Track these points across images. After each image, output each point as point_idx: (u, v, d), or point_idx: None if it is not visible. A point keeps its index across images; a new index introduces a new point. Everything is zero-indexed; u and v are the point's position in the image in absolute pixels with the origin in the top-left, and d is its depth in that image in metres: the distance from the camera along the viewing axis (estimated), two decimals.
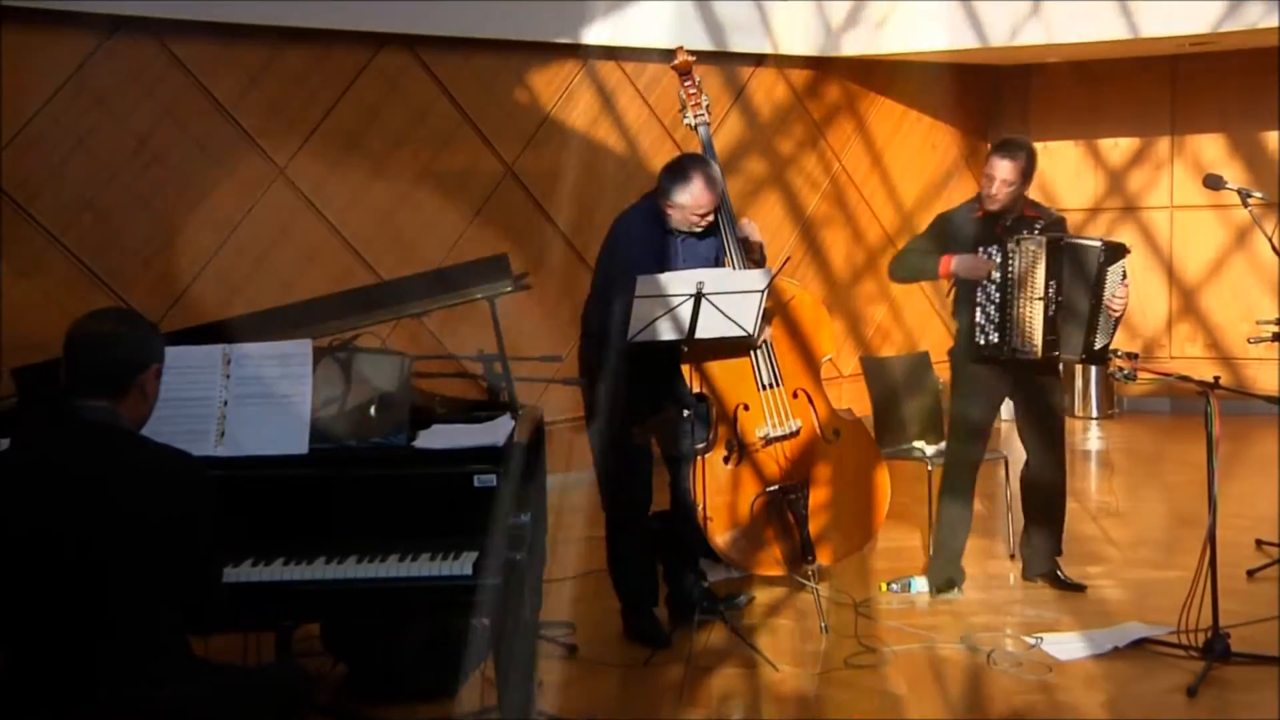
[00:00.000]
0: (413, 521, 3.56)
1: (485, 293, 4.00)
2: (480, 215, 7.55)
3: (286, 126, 6.82)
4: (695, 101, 5.16)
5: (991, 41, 8.81)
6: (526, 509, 3.55)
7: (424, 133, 7.31)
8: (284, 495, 3.55)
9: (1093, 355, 5.29)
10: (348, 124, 7.02)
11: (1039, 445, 5.41)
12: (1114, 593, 5.52)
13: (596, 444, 4.97)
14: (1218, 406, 4.39)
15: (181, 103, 6.49)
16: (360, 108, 7.06)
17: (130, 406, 2.96)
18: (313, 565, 3.45)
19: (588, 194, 7.87)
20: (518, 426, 3.78)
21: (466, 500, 3.53)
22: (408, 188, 7.26)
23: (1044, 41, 8.74)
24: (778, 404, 5.05)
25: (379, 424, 3.69)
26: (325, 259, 6.96)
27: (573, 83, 7.88)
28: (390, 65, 7.15)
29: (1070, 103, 10.15)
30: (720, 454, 5.00)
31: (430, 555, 3.48)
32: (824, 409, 5.17)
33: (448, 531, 3.53)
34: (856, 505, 5.21)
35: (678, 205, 4.80)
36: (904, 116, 9.81)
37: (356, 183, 7.08)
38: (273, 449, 3.55)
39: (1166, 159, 9.89)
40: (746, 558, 5.08)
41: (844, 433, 5.19)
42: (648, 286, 4.55)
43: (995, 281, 5.19)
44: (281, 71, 6.79)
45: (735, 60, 8.62)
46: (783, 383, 5.06)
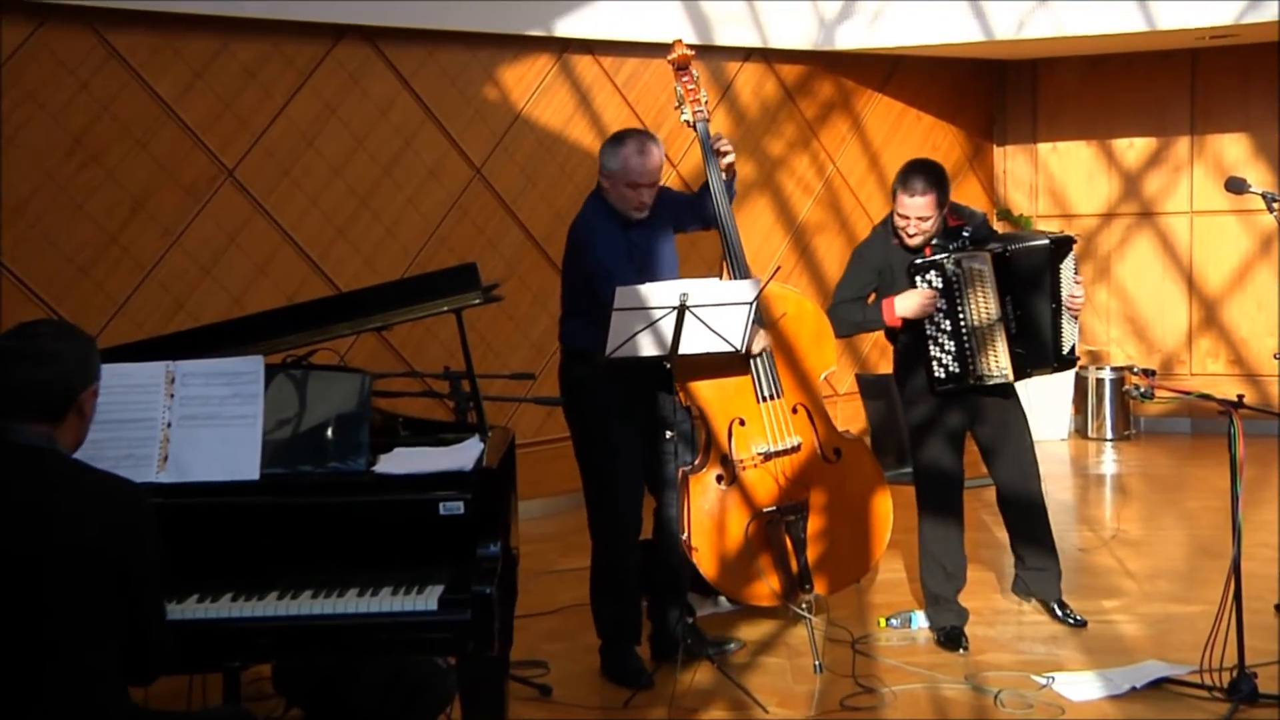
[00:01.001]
0: (373, 553, 3.55)
1: (452, 305, 4.00)
2: (446, 221, 7.55)
3: (236, 124, 6.82)
4: (694, 97, 5.18)
5: (997, 34, 8.86)
6: (496, 539, 3.54)
7: (385, 131, 7.32)
8: (233, 525, 3.53)
9: (1063, 361, 5.32)
10: (302, 122, 7.02)
11: (1012, 463, 5.40)
12: (1131, 628, 5.54)
13: (584, 467, 4.97)
14: (1242, 427, 4.41)
15: (120, 98, 6.48)
16: (316, 104, 7.06)
17: (66, 431, 2.95)
18: (264, 601, 3.43)
19: (563, 198, 7.88)
20: (487, 450, 3.77)
21: (431, 530, 3.53)
22: (368, 191, 7.26)
23: (1053, 34, 8.80)
24: (778, 417, 5.07)
25: (336, 448, 3.68)
26: (278, 268, 6.95)
27: (546, 78, 7.90)
28: (349, 59, 7.16)
29: (1082, 100, 10.22)
30: (713, 473, 5.01)
31: (392, 589, 3.46)
32: (824, 426, 5.19)
33: (411, 564, 3.52)
34: (856, 532, 5.22)
35: (611, 175, 4.83)
36: (903, 115, 9.86)
37: (312, 186, 7.08)
38: (220, 475, 3.53)
39: (1185, 160, 9.95)
40: (739, 588, 5.09)
41: (845, 453, 5.21)
42: (626, 298, 4.56)
43: (941, 310, 5.16)
44: (230, 65, 6.79)
45: (721, 54, 8.66)
46: (782, 395, 5.08)
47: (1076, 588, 5.91)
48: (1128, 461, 9.14)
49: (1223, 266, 9.89)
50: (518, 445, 4.08)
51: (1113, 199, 10.19)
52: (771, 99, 9.05)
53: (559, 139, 7.93)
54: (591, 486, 5.01)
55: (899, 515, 5.27)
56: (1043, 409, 9.09)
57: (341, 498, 3.59)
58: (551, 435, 7.58)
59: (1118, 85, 10.07)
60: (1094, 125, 10.21)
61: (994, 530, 6.81)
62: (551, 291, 7.78)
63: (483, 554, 3.50)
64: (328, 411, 3.74)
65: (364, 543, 3.56)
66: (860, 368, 9.45)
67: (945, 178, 5.22)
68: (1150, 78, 9.96)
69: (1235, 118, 9.79)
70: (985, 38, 8.90)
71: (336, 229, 7.15)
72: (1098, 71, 10.12)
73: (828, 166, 9.42)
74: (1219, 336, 9.94)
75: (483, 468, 3.63)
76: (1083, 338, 10.28)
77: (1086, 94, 10.19)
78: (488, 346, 7.63)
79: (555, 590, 6.03)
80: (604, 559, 5.04)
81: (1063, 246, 5.26)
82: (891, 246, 5.29)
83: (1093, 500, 8.21)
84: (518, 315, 7.75)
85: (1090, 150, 10.25)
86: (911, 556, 6.16)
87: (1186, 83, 9.92)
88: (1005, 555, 6.08)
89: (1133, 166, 10.14)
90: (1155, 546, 6.82)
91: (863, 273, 5.35)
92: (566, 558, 6.44)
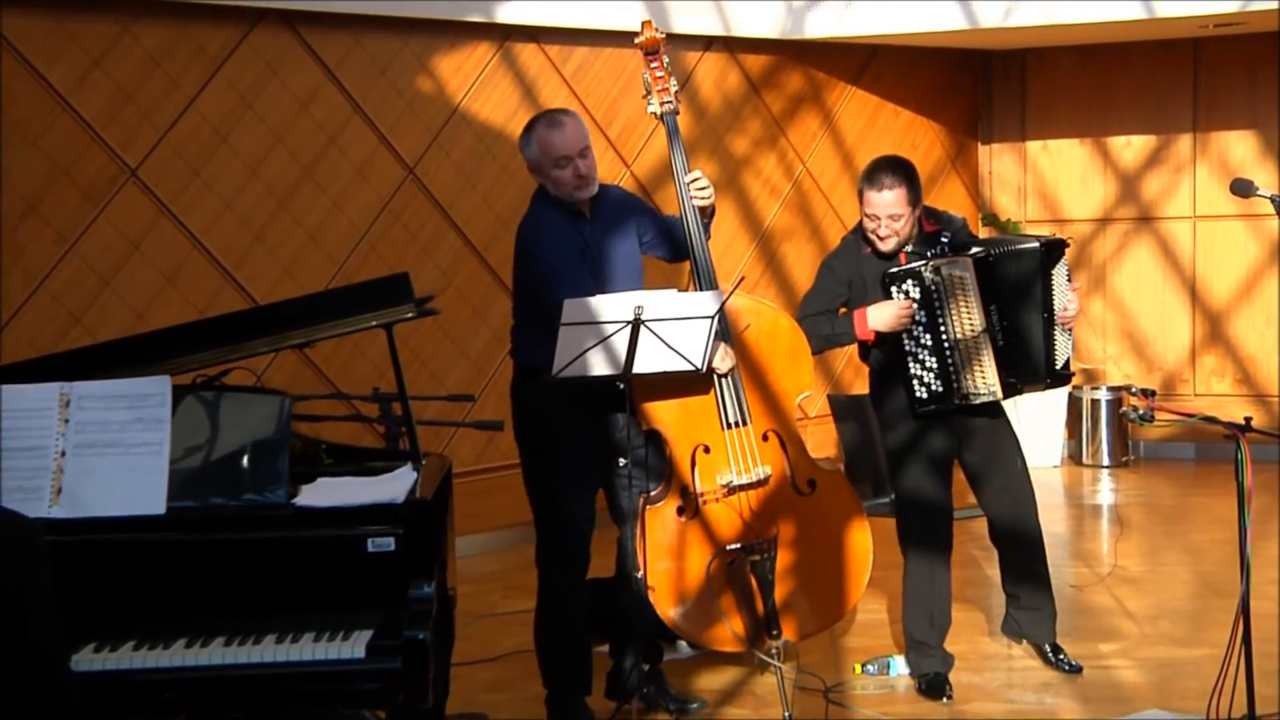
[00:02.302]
0: (293, 595, 3.53)
1: (382, 319, 3.99)
2: (376, 226, 7.53)
3: (139, 118, 6.79)
4: (663, 86, 5.18)
5: (982, 22, 8.94)
6: (431, 578, 3.53)
7: (307, 127, 7.30)
8: (135, 566, 3.51)
9: (1056, 377, 5.35)
10: (214, 116, 7.00)
11: (1003, 491, 5.43)
12: (1131, 674, 5.58)
13: (533, 496, 4.96)
14: (1250, 452, 4.45)
15: (10, 89, 6.43)
16: (230, 96, 7.04)
17: None
18: (170, 650, 3.41)
19: (505, 200, 7.88)
20: (421, 479, 3.77)
21: (358, 569, 3.52)
22: (287, 193, 7.24)
23: (1044, 22, 8.88)
24: (745, 446, 5.07)
25: (252, 478, 3.66)
26: (187, 279, 6.92)
27: (486, 69, 7.91)
28: (266, 46, 7.14)
29: (1074, 94, 10.31)
30: (672, 506, 5.01)
31: (315, 635, 3.45)
32: (798, 455, 5.19)
33: (336, 607, 3.51)
34: (830, 573, 5.23)
35: (537, 163, 4.87)
36: (879, 110, 9.93)
37: (225, 187, 7.05)
38: (122, 509, 3.51)
39: (1188, 160, 10.06)
40: (699, 632, 5.09)
41: (820, 484, 5.22)
42: (575, 311, 4.56)
43: (921, 323, 5.20)
44: (131, 52, 6.75)
45: (679, 43, 8.69)
46: (751, 421, 5.09)
47: (1071, 629, 5.94)
48: (1126, 490, 9.20)
49: (1229, 276, 9.98)
50: (455, 474, 4.08)
51: (1108, 202, 10.29)
52: (735, 92, 9.09)
53: (501, 135, 7.93)
54: (541, 516, 5.00)
55: (877, 550, 5.28)
56: (1034, 433, 9.15)
57: (258, 533, 3.57)
58: (492, 463, 7.57)
59: (1114, 78, 10.18)
60: (1088, 122, 10.30)
61: (983, 566, 6.84)
62: (492, 304, 7.78)
63: (415, 595, 3.49)
64: (243, 438, 3.72)
65: (283, 584, 3.54)
66: (833, 388, 9.49)
67: (915, 173, 5.25)
68: (1149, 70, 10.07)
69: (1241, 113, 9.90)
70: (969, 25, 8.98)
71: (253, 235, 7.12)
72: (1092, 63, 10.22)
73: (797, 167, 9.46)
74: (1225, 353, 10.04)
75: (416, 499, 3.62)
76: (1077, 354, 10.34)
77: (1080, 88, 10.29)
78: (422, 365, 7.61)
79: (496, 635, 6.01)
80: (551, 597, 5.03)
81: (1054, 250, 5.30)
82: (863, 257, 5.31)
83: (1088, 533, 8.26)
84: (455, 330, 7.74)
85: (1084, 149, 10.35)
86: (891, 596, 6.17)
87: (1189, 75, 10.03)
88: (994, 593, 6.10)
89: (1130, 167, 10.24)
90: (1157, 584, 6.87)
91: (830, 286, 5.37)
92: (509, 599, 6.42)
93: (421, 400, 4.99)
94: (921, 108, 10.15)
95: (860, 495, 5.82)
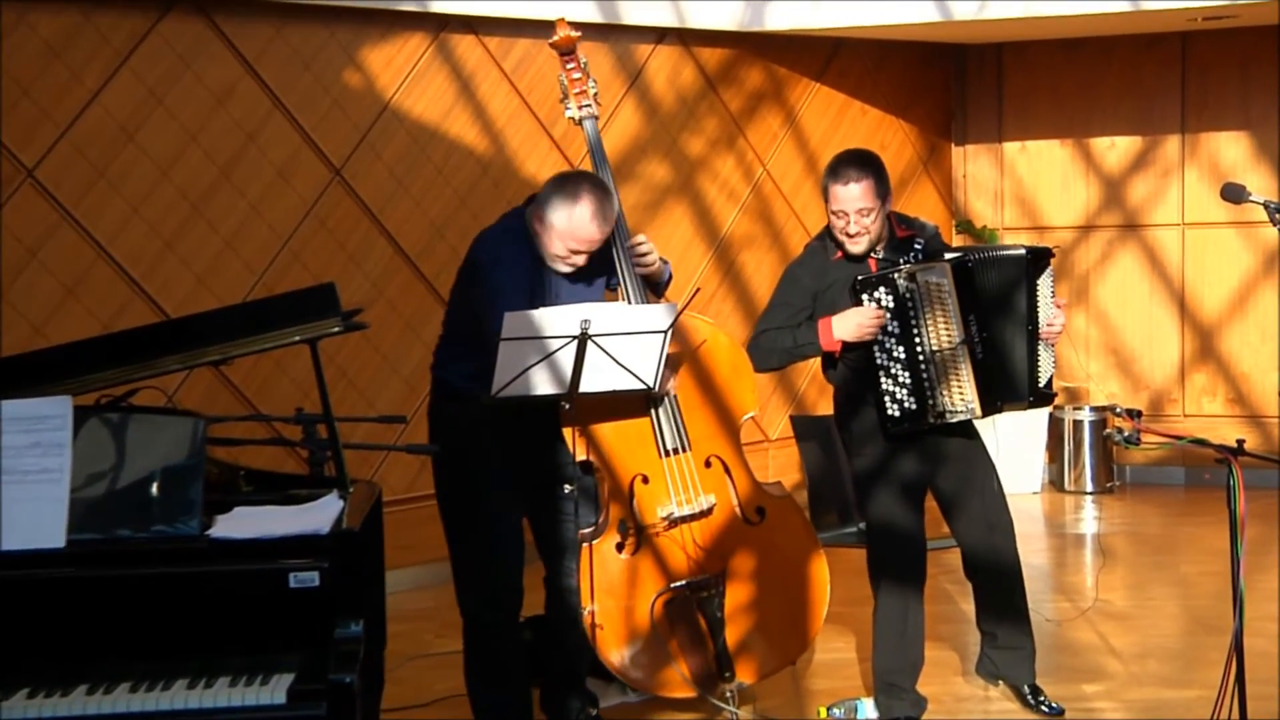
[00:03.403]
0: (207, 636, 3.51)
1: (306, 334, 3.97)
2: (299, 232, 7.50)
3: (36, 114, 6.73)
4: (580, 89, 5.19)
5: (955, 13, 9.00)
6: (359, 616, 3.51)
7: (224, 124, 7.27)
8: (32, 604, 3.47)
9: (1039, 396, 5.39)
10: (120, 112, 6.95)
11: (978, 519, 5.45)
12: (1116, 717, 5.61)
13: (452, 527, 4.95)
14: (1243, 478, 4.48)
15: None
16: (138, 91, 6.99)
17: None
18: (70, 698, 3.38)
19: (440, 205, 7.87)
20: (348, 509, 3.75)
21: (279, 606, 3.50)
22: (202, 196, 7.20)
23: (1021, 14, 8.94)
24: (685, 474, 5.07)
25: (162, 508, 3.64)
26: (91, 290, 6.86)
27: (420, 62, 7.90)
28: (178, 36, 7.10)
29: (1055, 92, 10.38)
30: (612, 540, 5.01)
31: (230, 680, 3.43)
32: (744, 481, 5.20)
33: (254, 648, 3.49)
34: (786, 605, 5.24)
35: (550, 226, 4.80)
36: (845, 109, 9.97)
37: (133, 189, 7.00)
38: (17, 543, 3.47)
39: (1176, 163, 10.15)
40: (647, 676, 5.09)
41: (770, 512, 5.23)
42: (517, 325, 4.56)
43: (894, 334, 5.23)
44: (28, 42, 6.70)
45: (629, 35, 8.71)
46: (691, 447, 5.09)
47: (1052, 669, 5.97)
48: (1111, 518, 9.26)
49: (1220, 288, 10.06)
50: (385, 503, 4.06)
51: (1091, 208, 10.36)
52: (690, 89, 9.11)
53: (436, 134, 7.92)
54: (461, 551, 4.98)
55: (843, 584, 5.30)
56: (1012, 457, 9.20)
57: (168, 568, 3.55)
58: (426, 491, 7.49)
59: (1097, 75, 10.25)
60: (1069, 122, 10.38)
61: (957, 601, 6.86)
62: (427, 317, 7.75)
63: (342, 635, 3.47)
64: (152, 464, 3.69)
65: (196, 623, 3.52)
66: (796, 408, 9.52)
67: (881, 165, 5.29)
68: (1135, 66, 10.16)
69: (1233, 113, 10.00)
70: (942, 17, 9.03)
71: (164, 242, 7.08)
72: (1074, 59, 10.29)
73: (757, 169, 9.49)
74: (1216, 371, 10.12)
75: (342, 530, 3.60)
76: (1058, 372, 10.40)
77: (1060, 85, 10.37)
78: (349, 384, 7.58)
79: (429, 678, 5.99)
80: (479, 639, 5.02)
81: (1040, 259, 5.33)
82: (832, 263, 5.32)
83: (1070, 564, 8.31)
84: (386, 346, 7.71)
85: (1065, 151, 10.42)
86: (859, 633, 6.19)
87: (1177, 72, 10.12)
88: (969, 630, 6.13)
89: (1114, 170, 10.31)
90: (1144, 620, 6.92)
91: (795, 296, 5.38)
92: (444, 639, 6.40)
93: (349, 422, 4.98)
94: (891, 106, 10.20)
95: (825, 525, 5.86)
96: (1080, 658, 6.28)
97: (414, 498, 7.50)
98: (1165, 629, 6.76)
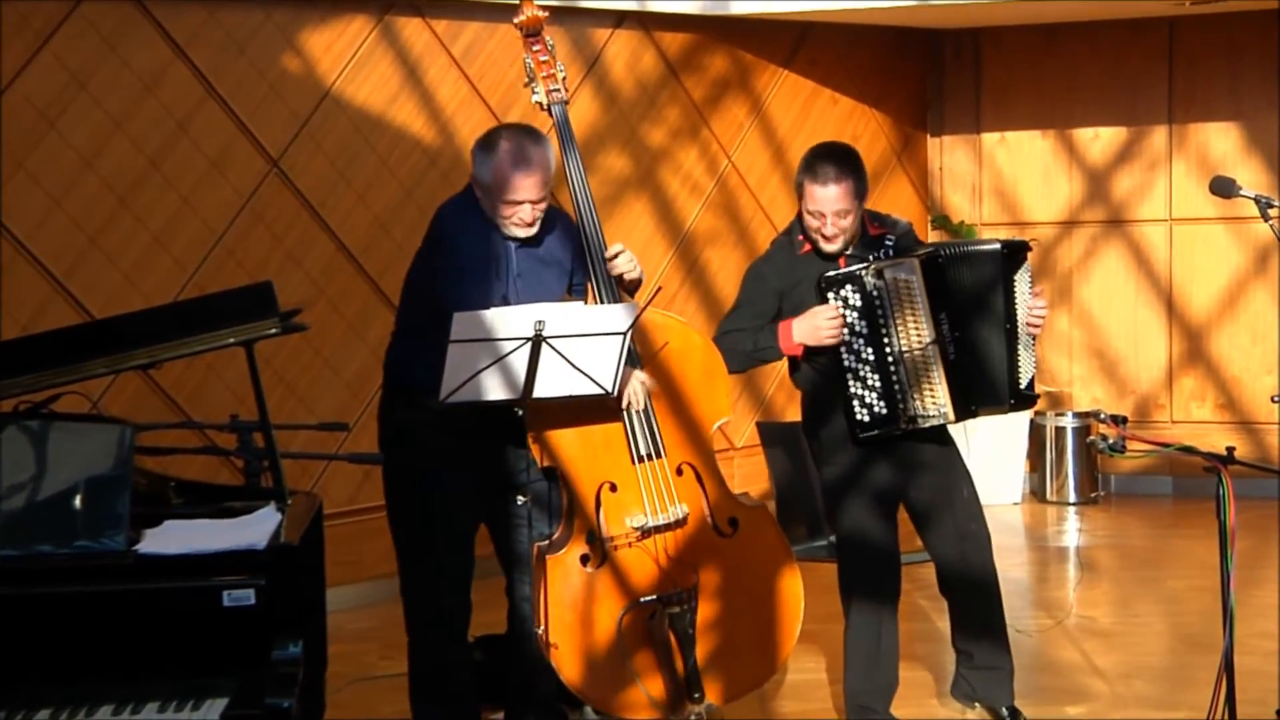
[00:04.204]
0: (136, 658, 3.49)
1: (241, 336, 3.96)
2: (234, 227, 7.47)
3: None
4: (549, 72, 5.19)
5: None
6: (298, 637, 3.50)
7: (153, 112, 7.23)
8: None
9: (1020, 398, 5.41)
10: (40, 99, 6.91)
11: (953, 531, 5.47)
12: None
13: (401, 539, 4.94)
14: (1233, 487, 4.51)
15: None
16: (59, 76, 6.95)
17: None
18: None
19: (385, 199, 7.85)
20: (286, 522, 3.74)
21: (213, 626, 3.48)
22: (129, 189, 7.17)
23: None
24: (659, 481, 5.08)
25: (87, 521, 3.62)
26: (9, 288, 6.82)
27: (363, 47, 7.88)
28: (102, 18, 7.07)
29: (1036, 80, 10.43)
30: (576, 553, 5.00)
31: (160, 705, 3.42)
32: (717, 491, 5.21)
33: (186, 671, 3.47)
34: (758, 623, 5.24)
35: (485, 188, 4.84)
36: (814, 97, 10.00)
37: (54, 182, 6.97)
38: None
39: (1163, 155, 10.21)
40: (609, 697, 5.08)
41: (743, 523, 5.23)
42: (467, 326, 4.55)
43: (862, 334, 5.24)
44: None
45: (586, 19, 8.71)
46: (665, 454, 5.09)
47: (1032, 690, 6.00)
48: (1094, 531, 9.31)
49: (1209, 287, 10.12)
50: (326, 516, 4.05)
51: (1074, 203, 10.41)
52: (650, 76, 9.12)
53: (380, 123, 7.91)
54: (407, 563, 4.98)
55: (814, 600, 5.31)
56: (990, 466, 9.23)
57: (94, 586, 3.53)
58: (369, 503, 7.52)
59: (1080, 62, 10.31)
60: (1051, 112, 10.43)
61: (932, 618, 6.88)
62: (370, 318, 7.74)
63: (280, 657, 3.47)
64: (75, 474, 3.67)
65: (123, 645, 3.50)
66: (763, 414, 9.53)
67: (861, 163, 5.30)
68: (1119, 53, 10.21)
69: (1223, 103, 10.06)
70: (916, 1, 9.07)
71: (88, 238, 7.04)
72: (1055, 44, 10.34)
73: (721, 161, 9.51)
74: (1206, 374, 10.18)
75: (280, 545, 3.59)
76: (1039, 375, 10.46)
77: (1041, 73, 10.41)
78: (288, 389, 7.55)
79: (373, 701, 5.98)
80: (424, 658, 5.00)
81: (1016, 253, 5.35)
82: (799, 258, 5.33)
83: (1052, 579, 8.34)
84: (327, 349, 7.69)
85: (1046, 142, 10.47)
86: (830, 652, 6.20)
87: (1164, 60, 10.18)
88: (944, 649, 6.15)
89: (1098, 163, 10.37)
90: (1129, 637, 6.95)
91: (760, 296, 5.38)
92: (388, 660, 6.38)
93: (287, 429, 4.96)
94: (863, 95, 10.24)
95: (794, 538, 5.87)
96: (1062, 678, 6.31)
97: (356, 510, 7.49)
98: (1152, 647, 6.80)
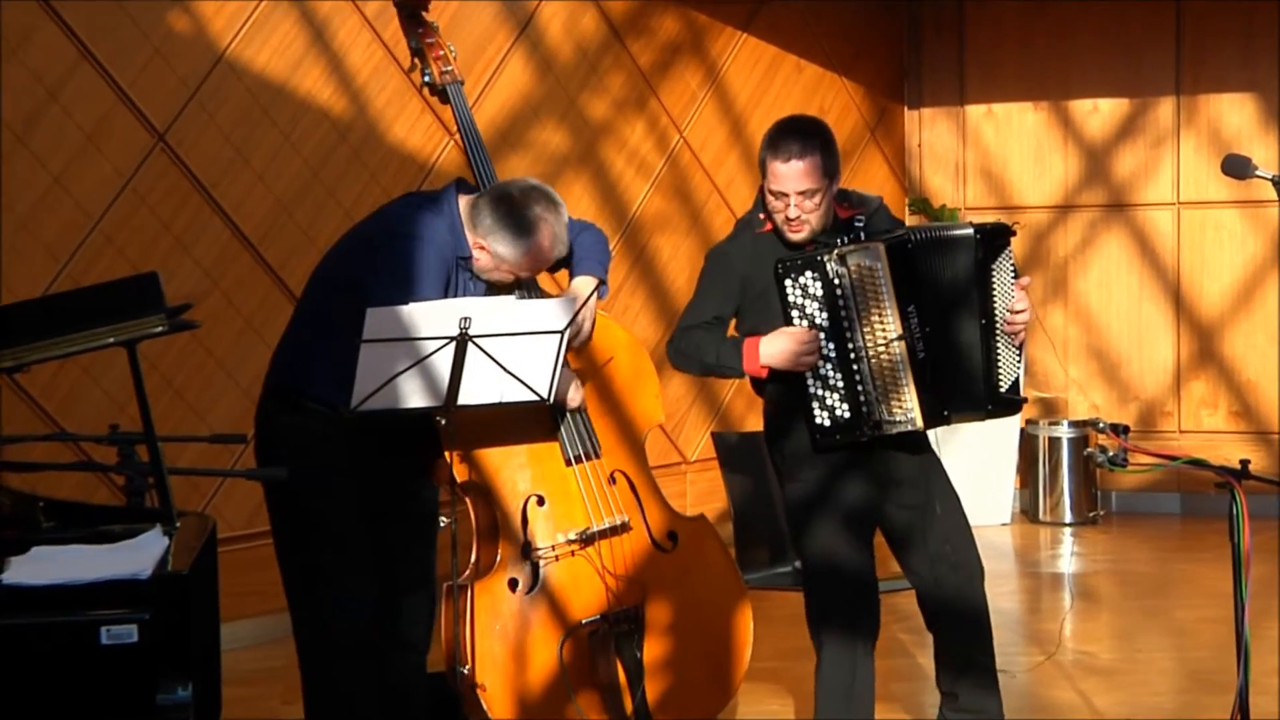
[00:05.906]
0: None
1: (122, 335, 3.94)
2: (114, 210, 7.44)
3: None
4: (437, 54, 5.20)
5: None
6: (188, 679, 3.49)
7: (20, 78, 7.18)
8: None
9: (1000, 402, 5.42)
10: None
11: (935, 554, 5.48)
12: None
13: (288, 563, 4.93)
14: (1247, 505, 4.54)
15: None
16: None
17: None
18: None
19: (287, 177, 7.82)
20: (174, 547, 3.72)
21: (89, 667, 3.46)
22: None
23: None
24: (599, 483, 5.09)
25: None
26: None
27: (261, 5, 7.85)
28: None
29: (1027, 46, 10.48)
30: (503, 577, 4.99)
31: None
32: (652, 502, 5.23)
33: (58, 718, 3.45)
34: (705, 649, 5.27)
35: (497, 256, 4.90)
36: (777, 65, 10.02)
37: None
38: None
39: (1170, 131, 10.27)
40: None
41: (683, 537, 5.26)
42: (382, 324, 4.53)
43: (823, 328, 5.23)
44: None
45: None
46: (601, 453, 5.12)
47: None
48: (1093, 554, 9.36)
49: (1221, 279, 10.19)
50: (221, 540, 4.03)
51: (1070, 184, 10.47)
52: (591, 40, 9.12)
53: (282, 92, 7.88)
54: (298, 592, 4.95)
55: (777, 633, 5.33)
56: (976, 481, 9.25)
57: None
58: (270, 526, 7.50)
59: (1076, 26, 10.36)
60: (1044, 81, 10.48)
61: (914, 654, 6.90)
62: (272, 314, 7.71)
63: (166, 702, 3.45)
64: None
65: None
66: (719, 424, 9.55)
67: (831, 137, 5.31)
68: (1121, 15, 10.27)
69: (1236, 72, 10.12)
70: None
71: None
72: (1048, 7, 10.39)
73: (672, 136, 9.52)
74: (1217, 377, 10.24)
75: (167, 573, 3.57)
76: (1030, 379, 10.49)
77: (1033, 38, 10.46)
78: (177, 395, 7.52)
79: None
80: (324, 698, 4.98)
81: (995, 239, 5.36)
82: (759, 237, 5.33)
83: (1045, 609, 8.38)
84: (221, 350, 7.66)
85: (1039, 116, 10.52)
86: (797, 693, 6.21)
87: (1171, 22, 10.25)
88: (927, 688, 6.17)
89: (1097, 138, 10.42)
90: (1132, 674, 6.99)
91: (724, 279, 5.39)
92: (291, 705, 6.35)
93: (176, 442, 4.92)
94: (831, 62, 10.27)
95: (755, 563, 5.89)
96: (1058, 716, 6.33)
97: (256, 534, 7.44)
98: (1157, 686, 6.84)
